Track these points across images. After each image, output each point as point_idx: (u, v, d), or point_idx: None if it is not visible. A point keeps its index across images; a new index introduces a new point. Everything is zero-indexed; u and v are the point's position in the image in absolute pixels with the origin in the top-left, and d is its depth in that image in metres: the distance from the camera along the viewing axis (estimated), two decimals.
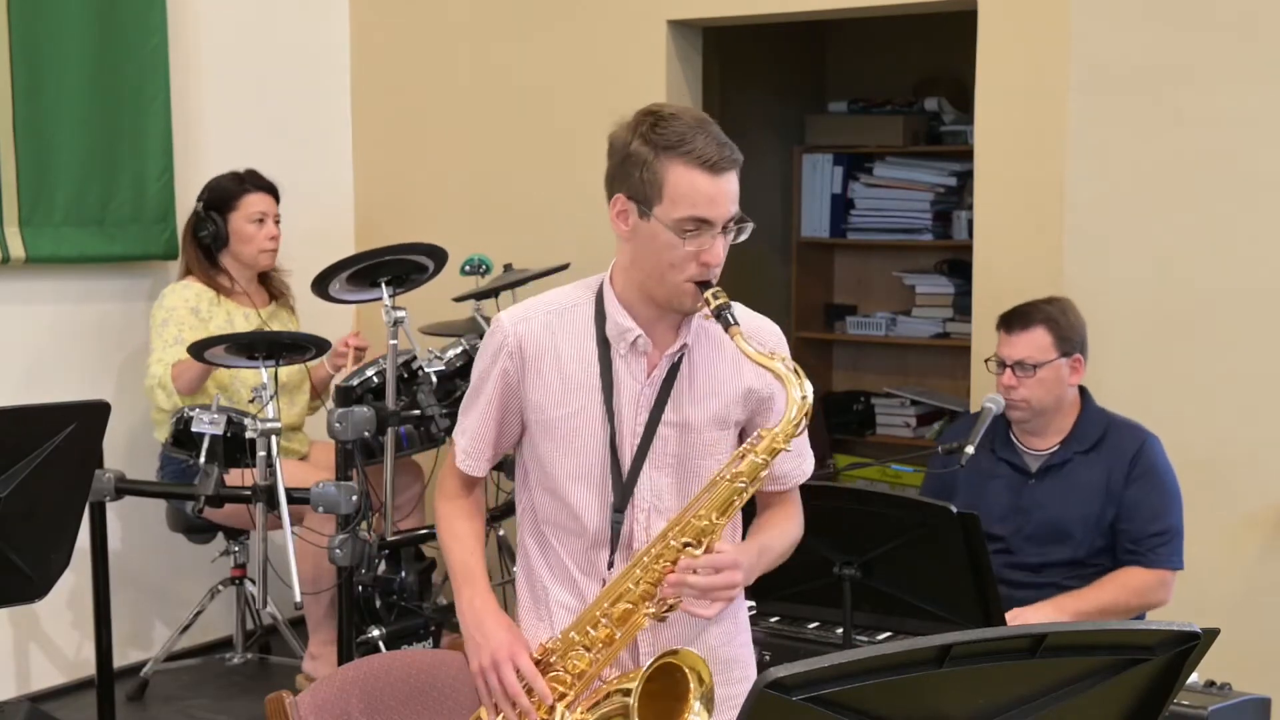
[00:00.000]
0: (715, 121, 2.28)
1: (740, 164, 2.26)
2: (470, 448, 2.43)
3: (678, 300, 2.27)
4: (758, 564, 2.34)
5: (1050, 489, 3.47)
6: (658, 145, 2.21)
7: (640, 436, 2.32)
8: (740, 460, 2.23)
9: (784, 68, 6.46)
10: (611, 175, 2.30)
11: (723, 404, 2.35)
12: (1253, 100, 3.92)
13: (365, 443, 4.12)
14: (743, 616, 2.50)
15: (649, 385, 2.32)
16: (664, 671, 2.17)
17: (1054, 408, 3.49)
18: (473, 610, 2.35)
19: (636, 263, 2.29)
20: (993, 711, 1.60)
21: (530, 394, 2.34)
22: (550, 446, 2.34)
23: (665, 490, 2.33)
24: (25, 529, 3.17)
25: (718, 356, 2.36)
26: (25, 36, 4.40)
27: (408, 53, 5.36)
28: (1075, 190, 4.13)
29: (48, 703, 4.47)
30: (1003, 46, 4.25)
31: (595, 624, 2.26)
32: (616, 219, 2.29)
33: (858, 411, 6.35)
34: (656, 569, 2.22)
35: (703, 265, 2.23)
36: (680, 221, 2.21)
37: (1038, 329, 3.46)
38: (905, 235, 6.18)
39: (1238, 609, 3.91)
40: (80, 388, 4.50)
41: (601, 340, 2.33)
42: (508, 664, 2.27)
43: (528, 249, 4.83)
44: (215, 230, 4.50)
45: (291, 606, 4.02)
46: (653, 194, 2.22)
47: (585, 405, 2.32)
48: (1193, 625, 1.63)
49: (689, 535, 2.22)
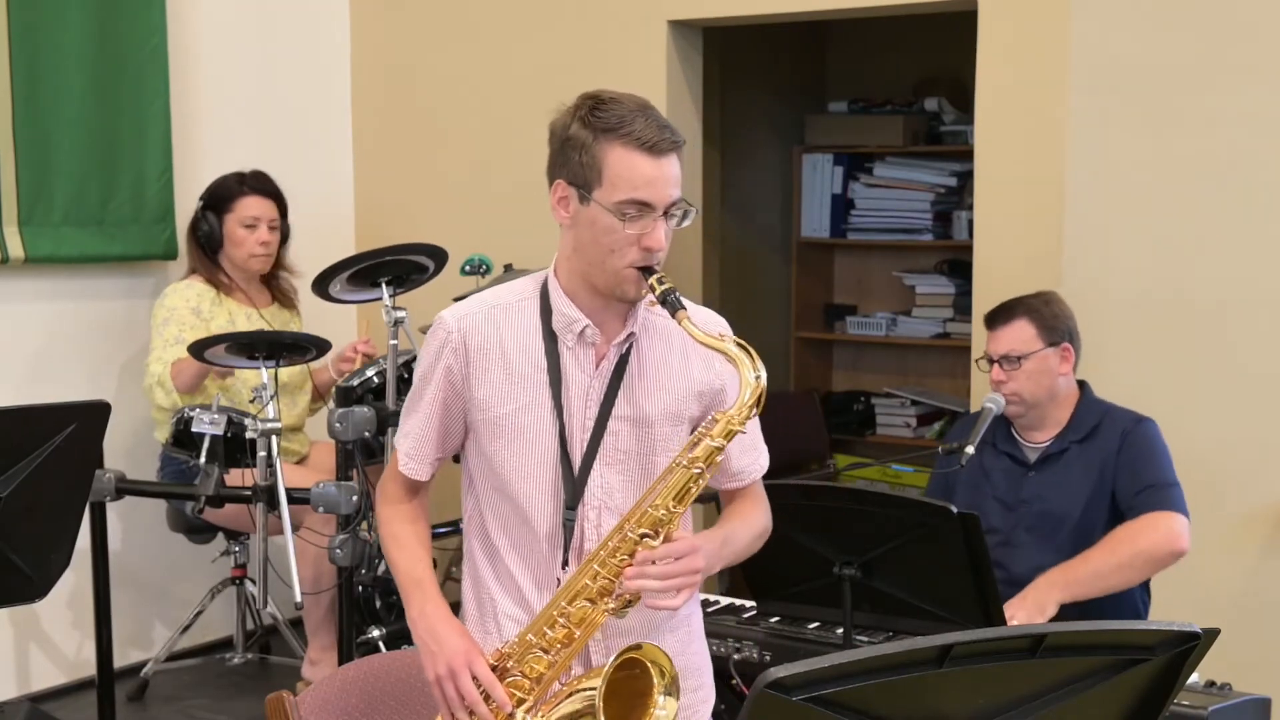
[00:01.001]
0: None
1: (682, 146, 2.23)
2: (414, 450, 2.35)
3: (620, 287, 2.22)
4: (721, 553, 2.28)
5: (1047, 479, 3.47)
6: (597, 128, 2.19)
7: (590, 431, 2.27)
8: (695, 445, 2.18)
9: (784, 68, 6.46)
10: (552, 161, 2.26)
11: (674, 398, 2.30)
12: (1253, 100, 3.92)
13: (365, 443, 4.12)
14: (696, 624, 2.44)
15: (598, 377, 2.27)
16: (624, 668, 2.13)
17: (1047, 399, 3.48)
18: (425, 618, 2.27)
19: (579, 250, 2.24)
20: (993, 711, 1.60)
21: (475, 391, 2.28)
22: (498, 445, 2.28)
23: (616, 488, 2.28)
24: (25, 529, 3.17)
25: (665, 349, 2.31)
26: (25, 37, 4.40)
27: (408, 53, 5.36)
28: (1075, 190, 4.13)
29: (48, 703, 4.47)
30: (1003, 46, 4.25)
31: (552, 624, 2.20)
32: (557, 205, 2.25)
33: (858, 411, 6.35)
34: (614, 562, 2.17)
35: (645, 250, 2.19)
36: (620, 204, 2.17)
37: (1019, 321, 3.47)
38: (905, 235, 6.18)
39: (1238, 609, 3.91)
40: (80, 388, 4.51)
41: (548, 334, 2.27)
42: (464, 671, 2.20)
43: (528, 249, 4.83)
44: (210, 231, 4.50)
45: (292, 606, 4.02)
46: (592, 177, 2.19)
47: (533, 400, 2.26)
48: (1193, 625, 1.63)
49: (645, 525, 2.16)
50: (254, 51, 5.13)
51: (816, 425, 5.98)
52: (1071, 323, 3.53)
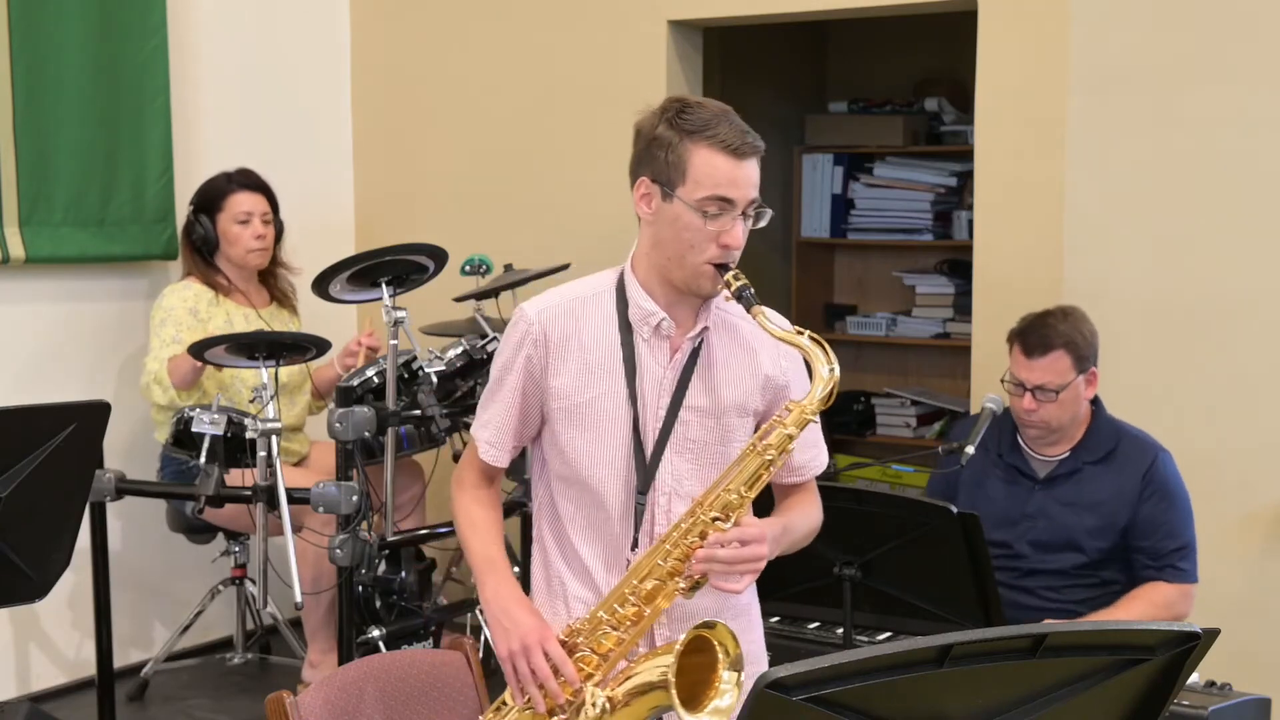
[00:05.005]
0: None
1: (761, 152, 2.34)
2: (494, 439, 2.44)
3: (697, 283, 2.32)
4: (781, 540, 2.38)
5: (1057, 497, 3.44)
6: (683, 129, 2.29)
7: (662, 420, 2.36)
8: (769, 433, 2.29)
9: (784, 68, 6.46)
10: (637, 160, 2.36)
11: (742, 390, 2.40)
12: (1253, 100, 3.92)
13: (365, 443, 4.12)
14: (755, 614, 2.53)
15: (671, 368, 2.37)
16: (691, 651, 2.18)
17: (1070, 422, 3.46)
18: (498, 597, 2.37)
19: (658, 246, 2.34)
20: (993, 711, 1.60)
21: (553, 381, 2.37)
22: (573, 433, 2.38)
23: (685, 476, 2.37)
24: (25, 529, 3.17)
25: (735, 343, 2.41)
26: (25, 37, 4.40)
27: (408, 53, 5.36)
28: (1075, 190, 4.13)
29: (48, 703, 4.47)
30: (1003, 46, 4.25)
31: (624, 601, 2.29)
32: (640, 202, 2.35)
33: (858, 411, 6.35)
34: (685, 544, 2.26)
35: (723, 247, 2.29)
36: (702, 202, 2.27)
37: (1058, 353, 3.37)
38: (905, 235, 6.18)
39: (1238, 609, 3.91)
40: (80, 388, 4.51)
41: (624, 326, 2.37)
42: (537, 649, 2.29)
43: (528, 249, 4.83)
44: (205, 233, 4.50)
45: (292, 606, 4.01)
46: (676, 176, 2.28)
47: (609, 389, 2.36)
48: (1193, 625, 1.64)
49: (718, 509, 2.26)
50: (254, 52, 5.13)
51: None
52: (1097, 342, 3.46)
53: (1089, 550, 3.39)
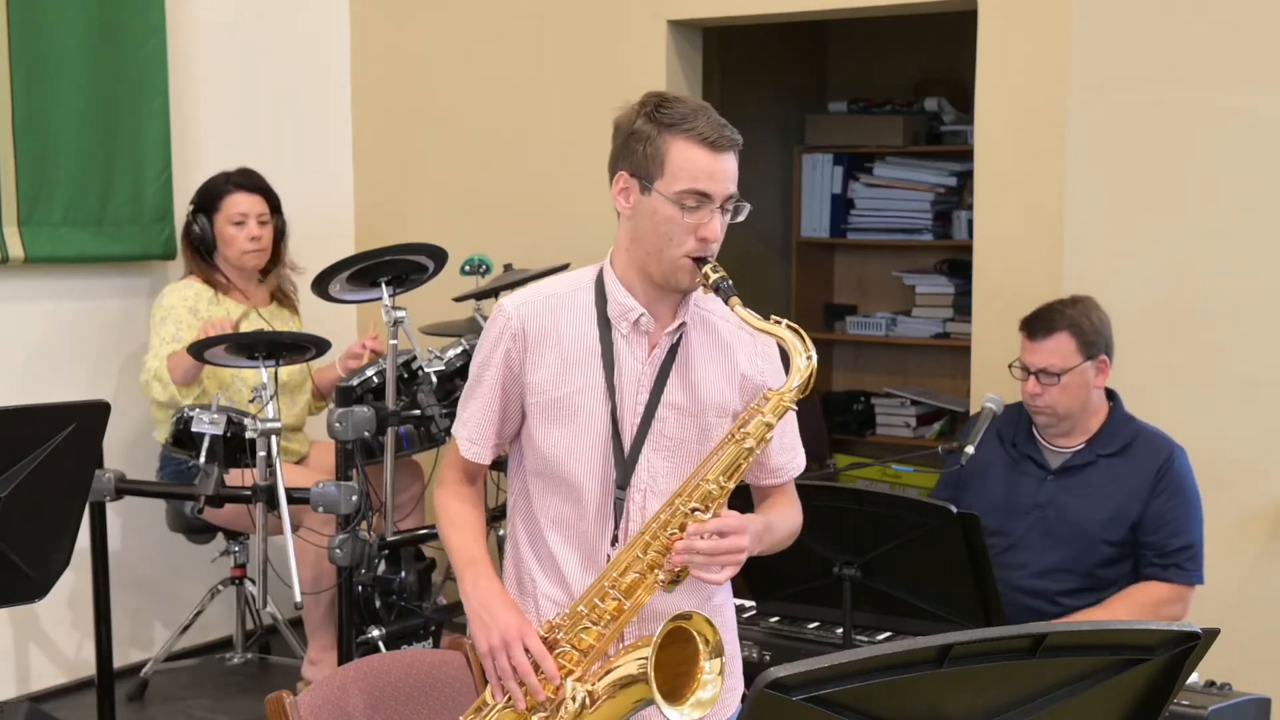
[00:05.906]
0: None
1: (739, 146, 2.33)
2: (474, 435, 2.45)
3: (675, 276, 2.32)
4: (763, 536, 2.37)
5: (1070, 488, 3.45)
6: (661, 123, 2.29)
7: (640, 416, 2.36)
8: (747, 422, 2.28)
9: (784, 68, 6.46)
10: (615, 154, 2.37)
11: (719, 388, 2.40)
12: (1253, 100, 3.92)
13: (365, 443, 4.12)
14: (729, 614, 2.51)
15: (649, 364, 2.37)
16: (670, 643, 2.18)
17: (1079, 411, 3.45)
18: (478, 592, 2.37)
19: (636, 240, 2.34)
20: (993, 711, 1.60)
21: (531, 376, 2.38)
22: (550, 428, 2.37)
23: (661, 473, 2.37)
24: (25, 529, 3.17)
25: (712, 342, 2.42)
26: (24, 37, 4.40)
27: (408, 53, 5.36)
28: (1075, 190, 4.13)
29: (48, 703, 4.47)
30: (1003, 46, 4.25)
31: (603, 596, 2.29)
32: (618, 196, 2.35)
33: (858, 411, 6.35)
34: (664, 535, 2.26)
35: (700, 240, 2.29)
36: (680, 195, 2.27)
37: (1061, 335, 3.40)
38: (905, 235, 6.18)
39: (1238, 609, 3.91)
40: (80, 388, 4.51)
41: (603, 321, 2.38)
42: (518, 644, 2.29)
43: (528, 249, 4.83)
44: (202, 233, 4.50)
45: (291, 606, 4.02)
46: (654, 169, 2.29)
47: (587, 383, 2.36)
48: (1193, 625, 1.63)
49: (696, 499, 2.26)
50: (254, 51, 5.13)
51: (816, 425, 5.97)
52: (1108, 331, 3.47)
53: (1096, 544, 3.38)
